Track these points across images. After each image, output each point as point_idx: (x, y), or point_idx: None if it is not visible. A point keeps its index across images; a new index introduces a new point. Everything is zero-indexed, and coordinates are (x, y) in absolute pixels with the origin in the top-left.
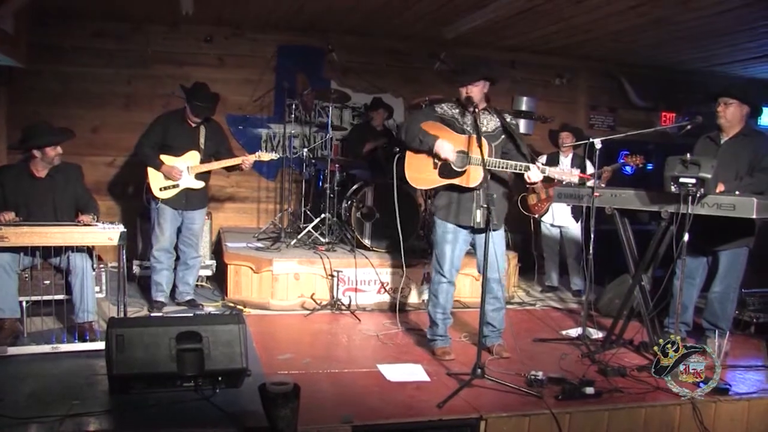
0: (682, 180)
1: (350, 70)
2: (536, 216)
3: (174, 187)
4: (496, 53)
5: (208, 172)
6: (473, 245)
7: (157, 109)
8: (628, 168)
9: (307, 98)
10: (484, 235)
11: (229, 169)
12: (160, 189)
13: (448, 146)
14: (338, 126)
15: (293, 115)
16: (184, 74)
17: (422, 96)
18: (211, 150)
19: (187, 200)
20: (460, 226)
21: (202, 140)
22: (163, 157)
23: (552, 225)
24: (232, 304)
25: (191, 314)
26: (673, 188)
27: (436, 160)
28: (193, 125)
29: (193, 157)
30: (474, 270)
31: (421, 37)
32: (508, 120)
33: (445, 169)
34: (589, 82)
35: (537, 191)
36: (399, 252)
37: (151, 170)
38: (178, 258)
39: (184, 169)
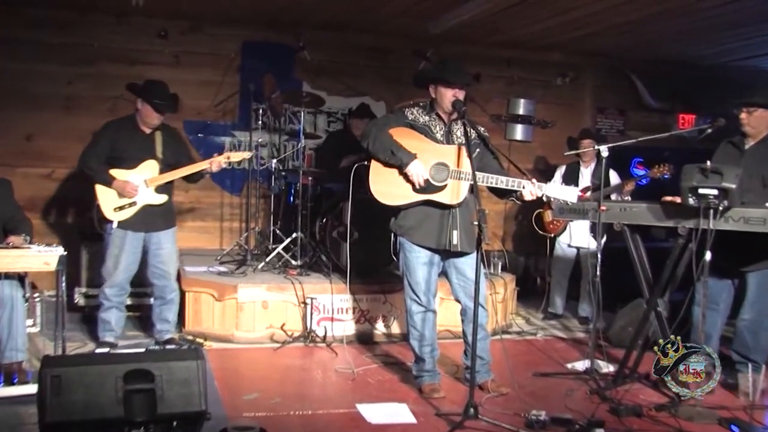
0: (701, 191)
1: (324, 71)
2: (552, 235)
3: (131, 205)
4: (488, 50)
5: (171, 184)
6: (445, 271)
7: (103, 114)
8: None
9: (276, 102)
10: (461, 259)
11: (190, 179)
12: (114, 209)
13: (422, 171)
14: (311, 134)
15: (260, 122)
16: (135, 74)
17: (406, 100)
18: (170, 159)
19: (150, 220)
20: (432, 250)
21: (159, 148)
22: (114, 171)
23: (569, 245)
24: (190, 337)
25: (142, 349)
26: (691, 201)
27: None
28: (148, 131)
29: (150, 168)
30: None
31: (404, 32)
32: (482, 132)
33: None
34: (596, 82)
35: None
36: (381, 276)
37: (100, 188)
38: (130, 293)
39: (140, 182)
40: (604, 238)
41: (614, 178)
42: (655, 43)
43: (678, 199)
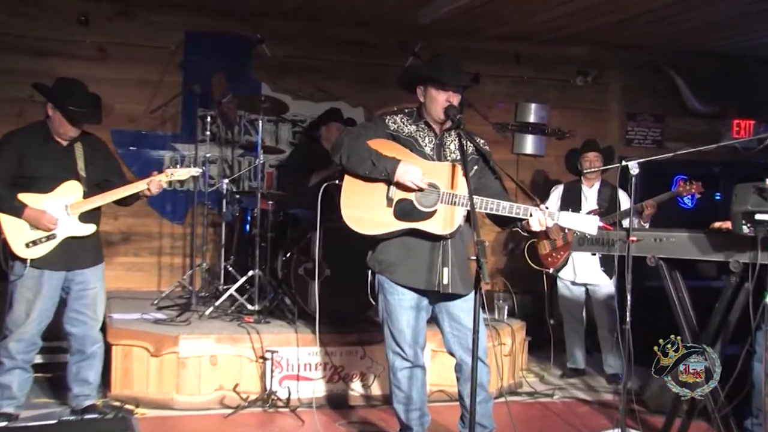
0: (758, 217)
1: (289, 69)
2: (551, 270)
3: (48, 239)
4: (491, 44)
5: (98, 210)
6: (435, 317)
7: (9, 120)
8: (686, 199)
9: (228, 108)
10: (455, 302)
11: (122, 202)
12: (27, 245)
13: (415, 170)
14: (272, 147)
15: (209, 132)
16: (46, 69)
17: (390, 105)
18: (96, 177)
19: (72, 255)
20: (419, 291)
21: (80, 164)
22: (25, 197)
23: (574, 283)
24: (117, 403)
25: (52, 421)
26: (745, 229)
27: (390, 194)
28: (65, 143)
29: (71, 190)
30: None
31: (387, 23)
32: (481, 145)
33: (406, 208)
34: (625, 81)
35: (551, 236)
36: (359, 324)
37: (6, 219)
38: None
39: (61, 210)
40: (628, 275)
41: (624, 200)
42: (701, 31)
43: (729, 226)
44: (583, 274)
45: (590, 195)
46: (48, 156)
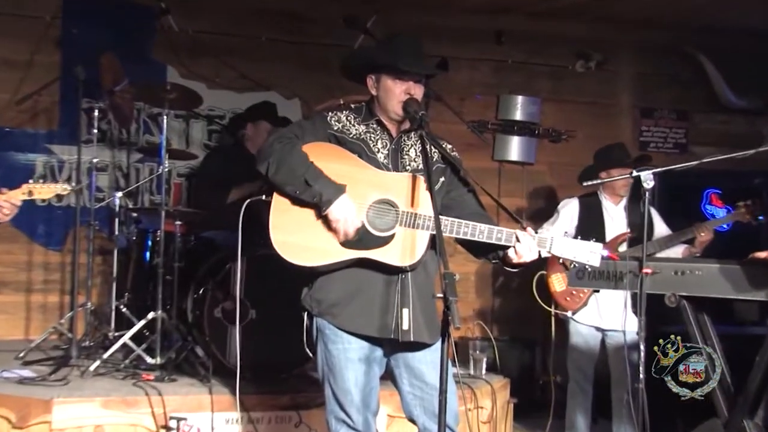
0: None
1: (203, 49)
2: (568, 313)
3: None
4: (465, 18)
5: None
6: (392, 372)
7: None
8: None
9: (123, 99)
10: (416, 354)
11: None
12: None
13: (353, 219)
14: (181, 151)
15: (96, 130)
16: None
17: (335, 97)
18: None
19: None
20: (371, 340)
21: None
22: None
23: (598, 329)
24: None
25: None
26: None
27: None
28: None
29: None
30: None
31: None
32: (449, 150)
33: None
34: (639, 67)
35: (569, 266)
36: (293, 381)
37: None
38: None
39: None
40: (642, 318)
41: (659, 223)
42: (736, 6)
43: None
44: (610, 318)
45: (616, 215)
46: None
